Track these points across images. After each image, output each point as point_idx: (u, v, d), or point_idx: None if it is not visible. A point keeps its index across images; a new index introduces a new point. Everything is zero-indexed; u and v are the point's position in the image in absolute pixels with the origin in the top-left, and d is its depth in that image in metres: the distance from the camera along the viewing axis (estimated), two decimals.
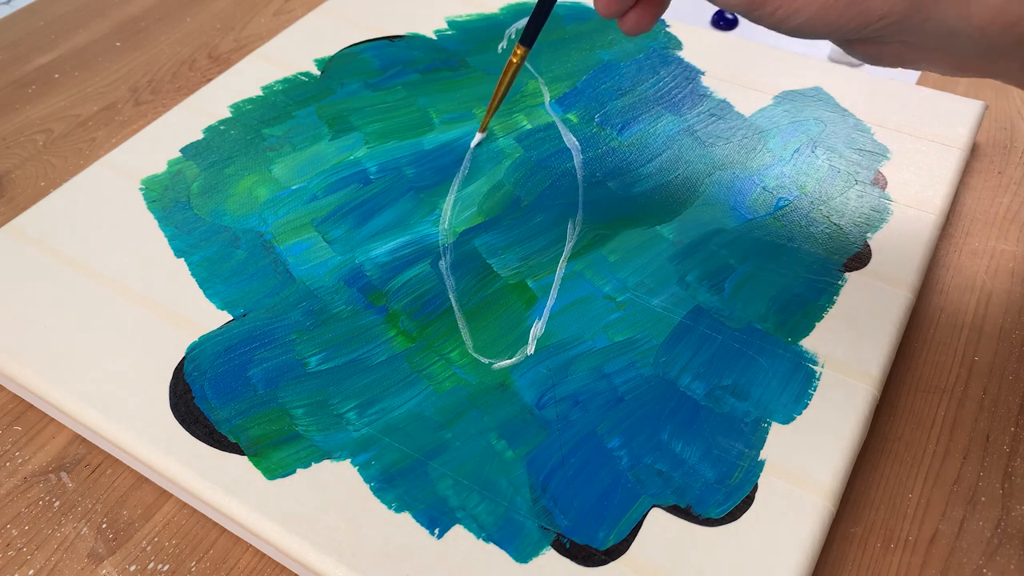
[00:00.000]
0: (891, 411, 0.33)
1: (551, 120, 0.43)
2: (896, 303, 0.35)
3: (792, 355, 0.33)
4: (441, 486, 0.29)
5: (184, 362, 0.33)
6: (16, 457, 0.32)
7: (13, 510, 0.30)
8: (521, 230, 0.38)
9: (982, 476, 0.31)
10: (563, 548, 0.28)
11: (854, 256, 0.36)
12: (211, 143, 0.42)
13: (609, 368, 0.32)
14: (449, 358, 0.33)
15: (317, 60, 0.47)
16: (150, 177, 0.40)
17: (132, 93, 0.48)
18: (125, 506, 0.31)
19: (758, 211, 0.38)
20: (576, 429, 0.31)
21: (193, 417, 0.31)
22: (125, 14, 0.54)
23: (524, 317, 0.34)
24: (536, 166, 0.41)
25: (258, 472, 0.29)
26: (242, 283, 0.36)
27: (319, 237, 0.37)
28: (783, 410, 0.31)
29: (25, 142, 0.45)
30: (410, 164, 0.41)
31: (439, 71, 0.46)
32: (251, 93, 0.45)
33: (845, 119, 0.43)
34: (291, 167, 0.41)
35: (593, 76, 0.46)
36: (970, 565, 0.29)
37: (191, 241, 0.37)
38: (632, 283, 0.35)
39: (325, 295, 0.35)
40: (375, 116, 0.44)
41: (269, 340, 0.33)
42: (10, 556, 0.29)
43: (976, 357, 0.35)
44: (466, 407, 0.31)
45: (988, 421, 0.33)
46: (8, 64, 0.50)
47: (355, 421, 0.31)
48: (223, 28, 0.53)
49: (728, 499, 0.29)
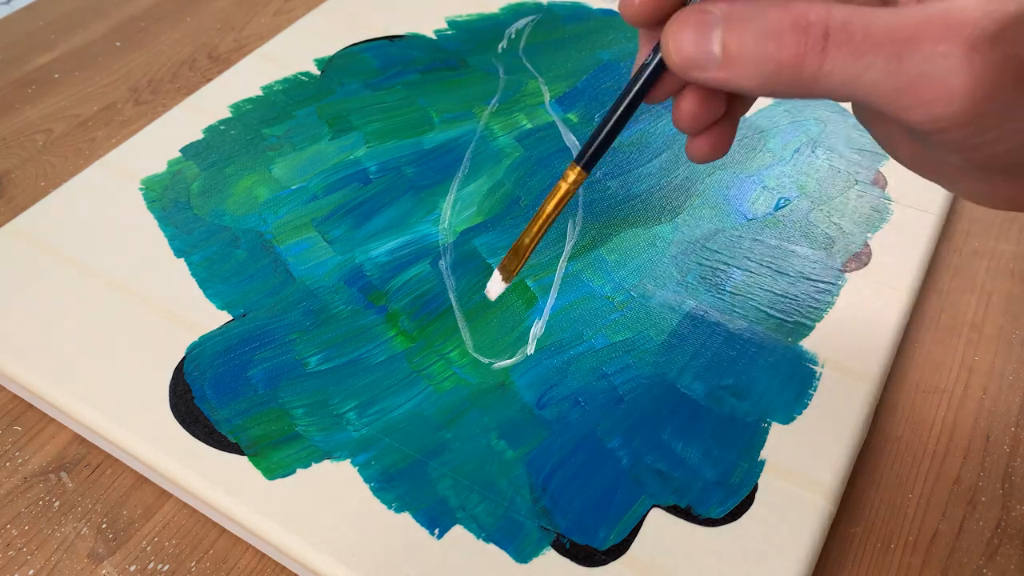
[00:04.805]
0: (891, 411, 0.33)
1: (551, 120, 0.43)
2: (896, 303, 0.35)
3: (792, 355, 0.33)
4: (441, 486, 0.29)
5: (184, 362, 0.33)
6: (16, 457, 0.32)
7: (13, 510, 0.30)
8: (521, 230, 0.38)
9: (982, 476, 0.31)
10: (563, 548, 0.28)
11: (854, 256, 0.36)
12: (211, 143, 0.42)
13: (609, 368, 0.32)
14: (449, 358, 0.33)
15: (317, 60, 0.47)
16: (150, 177, 0.40)
17: (132, 93, 0.48)
18: (125, 506, 0.31)
19: (758, 211, 0.38)
20: (576, 429, 0.31)
21: (193, 417, 0.31)
22: (125, 14, 0.54)
23: (524, 317, 0.34)
24: (536, 166, 0.41)
25: (258, 472, 0.29)
26: (242, 283, 0.36)
27: (319, 237, 0.37)
28: (783, 410, 0.31)
29: (25, 142, 0.45)
30: (410, 163, 0.41)
31: (439, 71, 0.46)
32: (251, 93, 0.45)
33: (845, 119, 0.43)
34: (291, 167, 0.41)
35: (593, 76, 0.46)
36: (970, 565, 0.29)
37: (191, 241, 0.37)
38: (632, 283, 0.35)
39: (325, 295, 0.35)
40: (375, 116, 0.44)
41: (269, 340, 0.33)
42: (10, 556, 0.29)
43: (976, 357, 0.35)
44: (466, 407, 0.31)
45: (988, 421, 0.33)
46: (8, 64, 0.50)
47: (355, 421, 0.31)
48: (223, 28, 0.53)
49: (728, 499, 0.29)
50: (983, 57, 0.18)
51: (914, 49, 0.19)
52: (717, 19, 0.21)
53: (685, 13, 0.21)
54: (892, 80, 0.19)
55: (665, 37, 0.22)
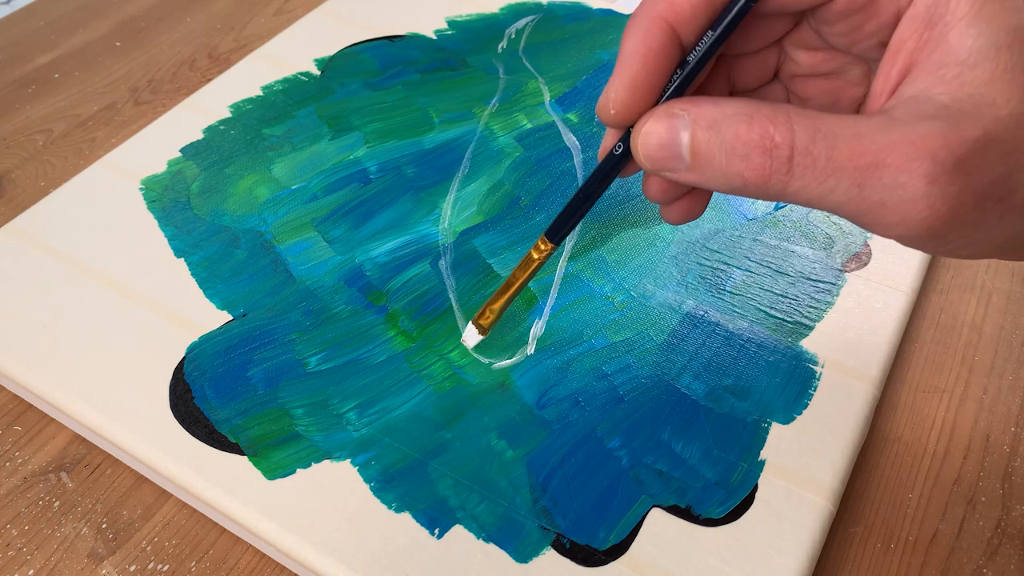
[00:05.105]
0: (891, 411, 0.33)
1: (551, 119, 0.43)
2: (896, 303, 0.35)
3: (792, 355, 0.33)
4: (441, 486, 0.29)
5: (184, 362, 0.33)
6: (16, 457, 0.32)
7: (13, 510, 0.30)
8: (521, 230, 0.38)
9: (982, 476, 0.31)
10: (563, 548, 0.28)
11: (854, 256, 0.36)
12: (211, 143, 0.42)
13: (609, 368, 0.32)
14: (449, 358, 0.33)
15: (317, 60, 0.47)
16: (150, 177, 0.40)
17: (132, 93, 0.48)
18: (125, 506, 0.31)
19: (758, 211, 0.38)
20: (576, 429, 0.31)
21: (193, 417, 0.31)
22: (125, 14, 0.54)
23: (524, 317, 0.34)
24: (536, 165, 0.41)
25: (258, 472, 0.29)
26: (242, 283, 0.36)
27: (319, 237, 0.37)
28: (783, 410, 0.31)
29: (25, 142, 0.45)
30: (410, 163, 0.41)
31: (439, 71, 0.46)
32: (251, 93, 0.45)
33: None
34: (291, 167, 0.41)
35: (593, 75, 0.46)
36: (970, 565, 0.29)
37: (191, 241, 0.37)
38: (632, 283, 0.35)
39: (325, 295, 0.35)
40: (375, 116, 0.44)
41: (269, 340, 0.33)
42: (10, 556, 0.29)
43: (976, 357, 0.35)
44: (466, 407, 0.31)
45: (988, 421, 0.33)
46: (8, 64, 0.50)
47: (355, 421, 0.31)
48: (223, 28, 0.53)
49: (728, 499, 0.29)
50: (942, 189, 0.18)
51: (875, 177, 0.19)
52: (685, 123, 0.20)
53: (654, 117, 0.21)
54: (854, 204, 0.19)
55: (634, 141, 0.22)
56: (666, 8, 0.21)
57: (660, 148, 0.21)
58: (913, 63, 0.20)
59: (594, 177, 0.25)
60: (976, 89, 0.19)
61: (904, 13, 0.20)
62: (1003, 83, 0.19)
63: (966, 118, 0.19)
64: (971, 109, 0.19)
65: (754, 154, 0.19)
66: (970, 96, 0.19)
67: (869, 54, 0.23)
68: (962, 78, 0.19)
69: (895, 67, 0.21)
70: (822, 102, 0.25)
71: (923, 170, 0.18)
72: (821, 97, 0.25)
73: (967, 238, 0.20)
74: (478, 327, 0.31)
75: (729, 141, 0.20)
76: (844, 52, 0.23)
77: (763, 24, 0.23)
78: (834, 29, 0.22)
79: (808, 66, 0.24)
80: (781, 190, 0.20)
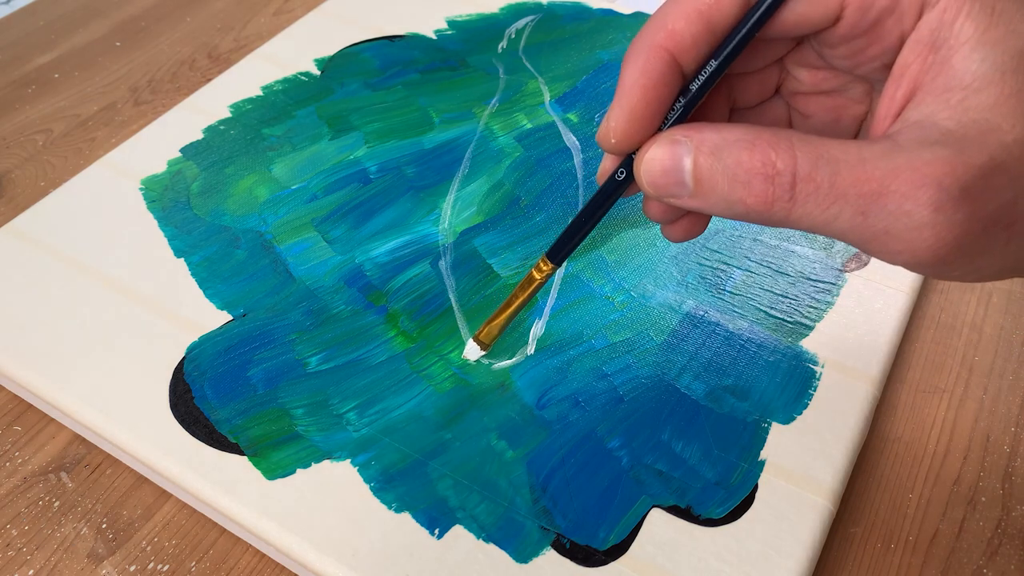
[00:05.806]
0: (891, 411, 0.33)
1: (551, 119, 0.43)
2: (896, 303, 0.35)
3: (792, 355, 0.33)
4: (441, 486, 0.29)
5: (184, 362, 0.33)
6: (16, 457, 0.32)
7: (13, 510, 0.30)
8: (521, 230, 0.38)
9: (982, 476, 0.31)
10: (563, 548, 0.28)
11: (854, 256, 0.36)
12: (211, 143, 0.42)
13: (609, 368, 0.32)
14: (449, 358, 0.33)
15: (317, 60, 0.47)
16: (150, 177, 0.40)
17: (132, 93, 0.48)
18: (125, 506, 0.31)
19: None
20: (576, 429, 0.31)
21: (193, 417, 0.31)
22: (125, 14, 0.54)
23: (524, 317, 0.34)
24: (536, 165, 0.41)
25: (258, 472, 0.29)
26: (242, 283, 0.36)
27: (319, 237, 0.37)
28: (783, 410, 0.31)
29: (25, 142, 0.45)
30: (410, 163, 0.41)
31: (439, 71, 0.46)
32: (251, 93, 0.45)
33: None
34: (291, 167, 0.41)
35: (593, 75, 0.46)
36: (970, 565, 0.29)
37: (191, 241, 0.37)
38: (632, 283, 0.35)
39: (325, 295, 0.35)
40: (375, 116, 0.44)
41: (269, 340, 0.33)
42: (10, 556, 0.29)
43: (976, 357, 0.35)
44: (466, 407, 0.31)
45: (988, 421, 0.33)
46: (8, 64, 0.50)
47: (355, 421, 0.31)
48: (223, 28, 0.53)
49: (728, 499, 0.29)
50: (948, 217, 0.18)
51: (879, 205, 0.18)
52: (688, 149, 0.20)
53: (657, 143, 0.21)
54: (859, 231, 0.19)
55: (638, 167, 0.22)
56: (666, 37, 0.21)
57: (663, 175, 0.21)
58: (918, 87, 0.20)
59: (595, 201, 0.25)
60: (981, 114, 0.19)
61: (908, 37, 0.20)
62: (1008, 108, 0.19)
63: (971, 144, 0.18)
64: (976, 135, 0.18)
65: (756, 181, 0.19)
66: (975, 121, 0.19)
67: (873, 76, 0.22)
68: (967, 103, 0.19)
69: (899, 90, 0.21)
70: (824, 119, 0.25)
71: (928, 198, 0.18)
72: (823, 114, 0.25)
73: (972, 264, 0.19)
74: (479, 344, 0.32)
75: (731, 168, 0.20)
76: (847, 73, 0.23)
77: (765, 45, 0.23)
78: (837, 52, 0.22)
79: (810, 84, 0.24)
80: (784, 217, 0.19)
